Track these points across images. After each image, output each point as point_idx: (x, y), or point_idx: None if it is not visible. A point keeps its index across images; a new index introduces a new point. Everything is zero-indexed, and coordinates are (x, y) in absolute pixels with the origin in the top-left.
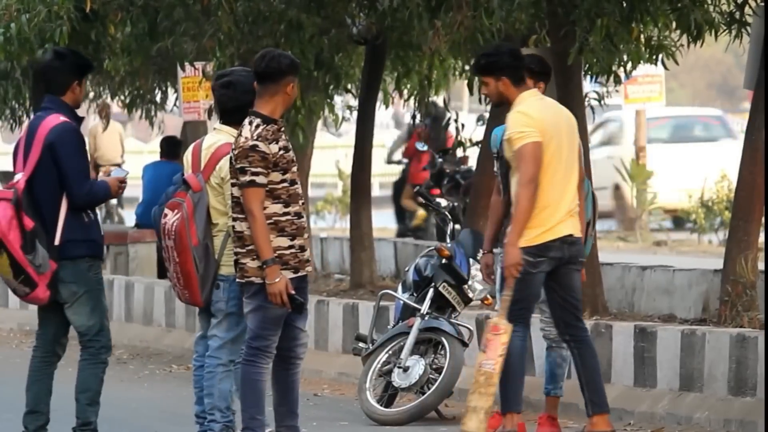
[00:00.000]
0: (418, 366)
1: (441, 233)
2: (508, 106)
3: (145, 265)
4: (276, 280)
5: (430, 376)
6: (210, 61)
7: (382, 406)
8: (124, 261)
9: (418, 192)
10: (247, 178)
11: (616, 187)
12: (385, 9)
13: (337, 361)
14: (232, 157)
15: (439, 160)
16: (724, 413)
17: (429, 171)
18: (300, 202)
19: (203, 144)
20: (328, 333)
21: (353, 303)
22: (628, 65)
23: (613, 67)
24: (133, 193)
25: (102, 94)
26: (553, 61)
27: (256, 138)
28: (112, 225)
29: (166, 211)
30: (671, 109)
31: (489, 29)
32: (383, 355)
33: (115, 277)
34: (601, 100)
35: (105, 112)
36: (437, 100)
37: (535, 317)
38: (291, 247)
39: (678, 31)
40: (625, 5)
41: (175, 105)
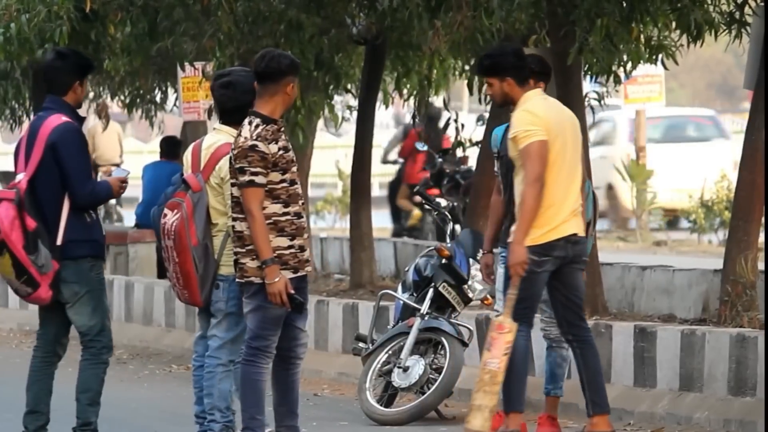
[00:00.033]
0: (418, 366)
1: (440, 233)
2: (512, 106)
3: (145, 265)
4: (275, 280)
5: (430, 376)
6: (210, 61)
7: (382, 406)
8: (124, 261)
9: (418, 192)
10: (246, 178)
11: (609, 187)
12: (384, 9)
13: (337, 361)
14: (231, 157)
15: (439, 160)
16: (723, 413)
17: (429, 171)
18: (300, 202)
19: (203, 144)
20: (327, 333)
21: (353, 303)
22: (628, 65)
23: (613, 67)
24: (132, 193)
25: (102, 94)
26: (553, 61)
27: (255, 138)
28: (112, 225)
29: (166, 211)
30: (664, 110)
31: (489, 29)
32: (383, 355)
33: (115, 277)
34: (601, 100)
35: (104, 112)
36: (436, 101)
37: (535, 317)
38: (291, 247)
39: (678, 31)
40: (625, 5)
41: (175, 105)
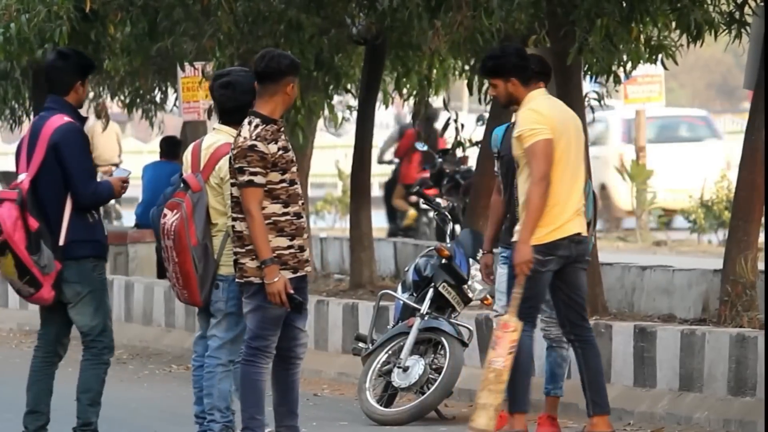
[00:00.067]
0: (417, 366)
1: (437, 233)
2: (516, 106)
3: (145, 265)
4: (274, 280)
5: (430, 376)
6: (210, 61)
7: (381, 406)
8: (123, 261)
9: (418, 193)
10: (245, 178)
11: (602, 187)
12: (384, 9)
13: (337, 361)
14: (231, 157)
15: (439, 160)
16: (723, 413)
17: (429, 171)
18: (299, 202)
19: (203, 144)
20: (327, 333)
21: (353, 303)
22: (628, 65)
23: (613, 67)
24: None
25: (101, 94)
26: (553, 61)
27: (254, 138)
28: (112, 224)
29: (166, 211)
30: (657, 110)
31: (489, 29)
32: (383, 355)
33: (115, 277)
34: (601, 100)
35: (104, 112)
36: (435, 101)
37: None
38: (290, 247)
39: (678, 31)
40: (624, 5)
41: (174, 105)
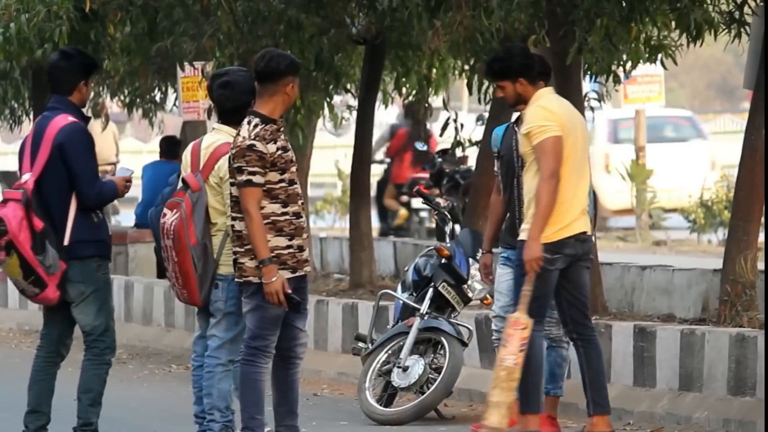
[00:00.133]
0: (417, 366)
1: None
2: (523, 105)
3: (145, 265)
4: (272, 280)
5: (430, 375)
6: (209, 61)
7: (381, 405)
8: (123, 261)
9: (418, 192)
10: (244, 178)
11: None
12: (384, 9)
13: (337, 361)
14: (230, 157)
15: (439, 160)
16: (723, 413)
17: (429, 171)
18: (299, 202)
19: (202, 144)
20: (327, 333)
21: (353, 303)
22: (628, 65)
23: (613, 67)
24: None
25: (101, 94)
26: (553, 61)
27: (253, 137)
28: (111, 223)
29: (165, 210)
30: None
31: (488, 29)
32: (383, 355)
33: (115, 276)
34: (601, 99)
35: (104, 112)
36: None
37: None
38: (289, 246)
39: (677, 30)
40: (624, 5)
41: (174, 105)
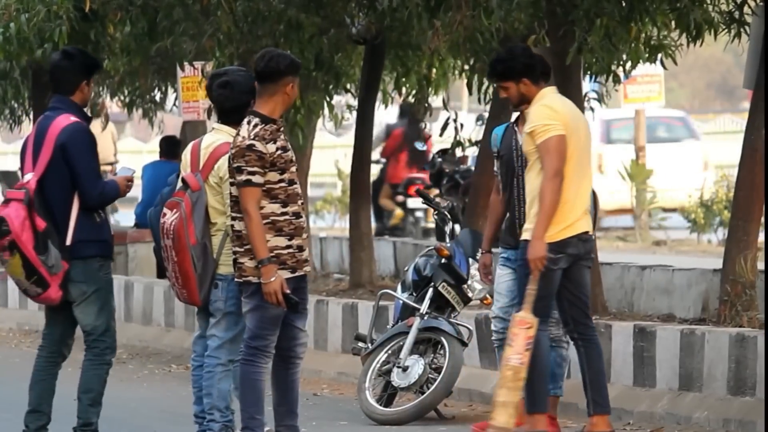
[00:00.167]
0: (417, 366)
1: (440, 233)
2: (527, 105)
3: (145, 265)
4: (271, 280)
5: (430, 375)
6: (209, 61)
7: (381, 405)
8: (123, 261)
9: (418, 192)
10: (243, 178)
11: None
12: (384, 9)
13: (337, 361)
14: (229, 157)
15: (439, 160)
16: (723, 413)
17: (429, 171)
18: (299, 202)
19: (202, 143)
20: (327, 333)
21: (352, 303)
22: (628, 65)
23: (613, 67)
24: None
25: (101, 93)
26: (552, 61)
27: (252, 137)
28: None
29: (165, 210)
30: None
31: (488, 29)
32: (382, 355)
33: (115, 276)
34: (600, 99)
35: (104, 112)
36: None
37: None
38: (289, 246)
39: (677, 30)
40: (624, 5)
41: (174, 105)
